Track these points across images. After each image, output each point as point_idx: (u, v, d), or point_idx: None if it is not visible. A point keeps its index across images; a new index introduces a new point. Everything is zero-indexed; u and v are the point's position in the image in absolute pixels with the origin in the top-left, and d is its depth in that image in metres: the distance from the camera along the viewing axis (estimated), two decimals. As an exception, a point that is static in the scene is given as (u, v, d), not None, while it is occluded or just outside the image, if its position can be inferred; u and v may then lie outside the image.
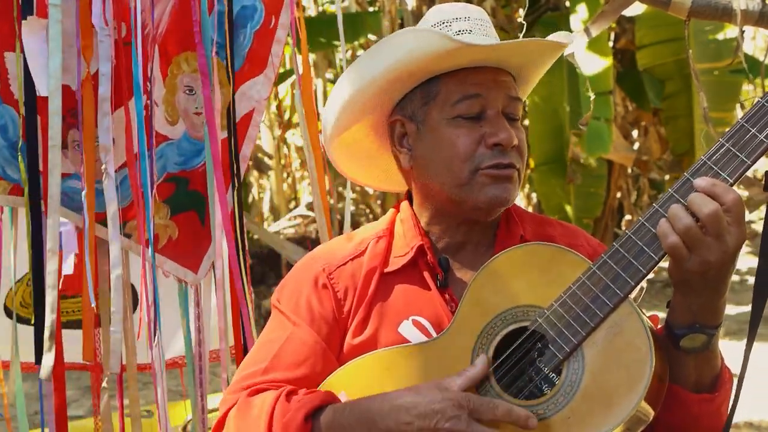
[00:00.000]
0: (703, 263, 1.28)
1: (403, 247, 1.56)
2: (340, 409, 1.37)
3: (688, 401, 1.38)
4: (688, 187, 1.30)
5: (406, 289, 1.52)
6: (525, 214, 1.63)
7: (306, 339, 1.49)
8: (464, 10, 1.55)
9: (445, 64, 1.50)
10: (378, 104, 1.58)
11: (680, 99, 7.51)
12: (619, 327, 1.32)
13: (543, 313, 1.36)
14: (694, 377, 1.38)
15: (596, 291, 1.33)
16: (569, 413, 1.30)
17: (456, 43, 1.45)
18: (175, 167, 2.25)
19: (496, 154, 1.48)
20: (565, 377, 1.33)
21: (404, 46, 1.48)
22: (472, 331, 1.40)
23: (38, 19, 1.96)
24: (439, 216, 1.57)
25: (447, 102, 1.51)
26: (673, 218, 1.28)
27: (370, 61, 1.53)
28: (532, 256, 1.43)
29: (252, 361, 1.52)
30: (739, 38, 2.10)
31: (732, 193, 1.27)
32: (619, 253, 1.34)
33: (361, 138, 1.66)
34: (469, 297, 1.43)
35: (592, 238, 1.66)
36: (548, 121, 7.13)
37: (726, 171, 1.30)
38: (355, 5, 8.49)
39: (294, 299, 1.53)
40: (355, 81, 1.56)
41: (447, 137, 1.50)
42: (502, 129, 1.49)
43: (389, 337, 1.48)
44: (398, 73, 1.51)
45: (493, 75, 1.52)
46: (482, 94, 1.50)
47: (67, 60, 1.99)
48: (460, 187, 1.50)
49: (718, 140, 1.32)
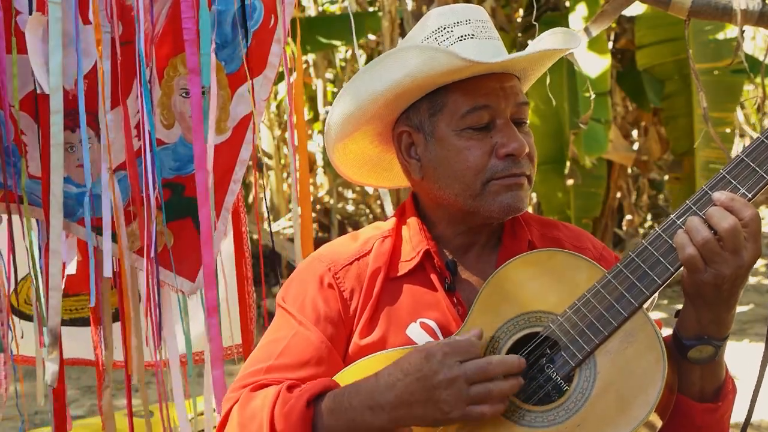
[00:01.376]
0: (718, 276, 1.28)
1: (410, 252, 1.55)
2: (340, 393, 1.38)
3: (693, 411, 1.38)
4: (706, 200, 1.31)
5: (413, 292, 1.52)
6: (530, 217, 1.63)
7: (311, 339, 1.49)
8: (465, 12, 1.53)
9: (452, 77, 1.48)
10: (383, 114, 1.57)
11: (680, 99, 7.50)
12: (633, 336, 1.32)
13: (556, 319, 1.36)
14: (698, 387, 1.38)
15: (611, 300, 1.33)
16: (579, 420, 1.30)
17: (464, 62, 1.43)
18: (170, 172, 2.21)
19: (509, 165, 1.48)
20: (576, 384, 1.33)
21: (410, 64, 1.46)
22: (483, 334, 1.39)
23: (40, 16, 1.96)
24: (447, 222, 1.56)
25: (455, 114, 1.49)
26: (692, 230, 1.29)
27: (375, 76, 1.51)
28: (545, 262, 1.43)
29: (256, 359, 1.52)
30: (739, 38, 2.10)
31: (750, 209, 1.27)
32: (634, 263, 1.34)
33: (365, 144, 1.66)
34: (481, 301, 1.43)
35: (597, 241, 1.66)
36: (548, 121, 7.12)
37: (745, 186, 1.30)
38: (355, 5, 8.48)
39: (299, 299, 1.53)
40: (358, 95, 1.54)
41: (457, 149, 1.49)
42: (513, 139, 1.48)
43: (397, 339, 1.48)
44: (404, 88, 1.49)
45: (500, 82, 1.50)
46: (491, 104, 1.49)
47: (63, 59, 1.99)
48: (473, 198, 1.49)
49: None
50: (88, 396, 4.48)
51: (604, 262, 1.53)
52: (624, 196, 9.39)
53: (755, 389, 1.40)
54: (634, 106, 9.08)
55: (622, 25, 8.46)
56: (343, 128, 1.59)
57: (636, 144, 9.71)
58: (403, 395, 1.31)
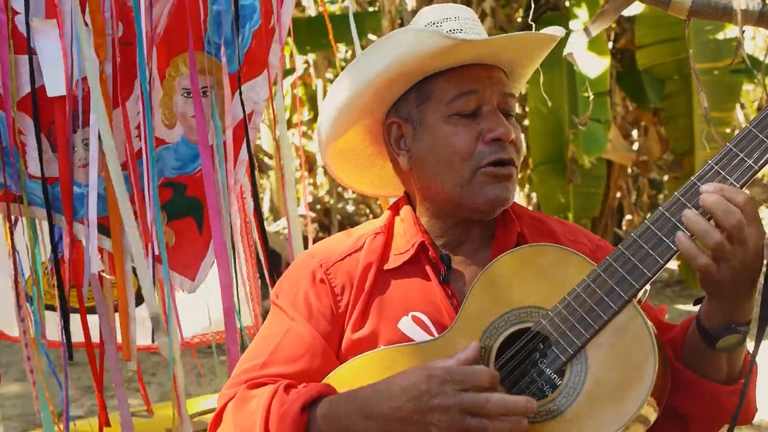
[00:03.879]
0: (732, 270, 1.28)
1: (403, 245, 1.56)
2: (335, 400, 1.38)
3: (722, 395, 1.38)
4: (694, 192, 1.30)
5: (406, 285, 1.53)
6: (523, 212, 1.63)
7: (304, 334, 1.49)
8: (454, 10, 1.56)
9: (440, 63, 1.50)
10: (373, 108, 1.58)
11: (680, 99, 7.51)
12: (623, 330, 1.32)
13: (547, 314, 1.36)
14: (726, 371, 1.39)
15: (601, 293, 1.33)
16: (571, 416, 1.30)
17: (450, 40, 1.45)
18: (172, 172, 2.22)
19: (496, 150, 1.49)
20: (568, 379, 1.33)
21: (399, 47, 1.49)
22: (474, 331, 1.40)
23: (48, 20, 1.96)
24: (438, 215, 1.57)
25: (442, 100, 1.51)
26: (703, 236, 1.27)
27: (365, 64, 1.53)
28: (536, 257, 1.42)
29: (250, 355, 1.53)
30: (740, 38, 2.09)
31: (741, 194, 1.27)
32: (624, 256, 1.33)
33: (357, 143, 1.66)
34: (473, 296, 1.43)
35: (593, 235, 1.66)
36: (548, 121, 7.13)
37: (733, 176, 1.29)
38: (355, 5, 8.48)
39: (292, 294, 1.54)
40: (350, 85, 1.56)
41: (445, 136, 1.50)
42: (499, 124, 1.49)
43: (389, 332, 1.48)
44: (394, 74, 1.51)
45: (487, 71, 1.52)
46: (478, 89, 1.50)
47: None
48: (461, 186, 1.50)
49: (725, 144, 1.32)
50: (88, 396, 4.48)
51: (601, 253, 1.53)
52: (624, 196, 9.40)
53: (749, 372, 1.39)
54: (634, 106, 9.09)
55: (622, 25, 8.47)
56: (335, 121, 1.60)
57: (636, 144, 9.72)
58: (397, 411, 1.30)
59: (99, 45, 2.00)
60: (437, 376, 1.29)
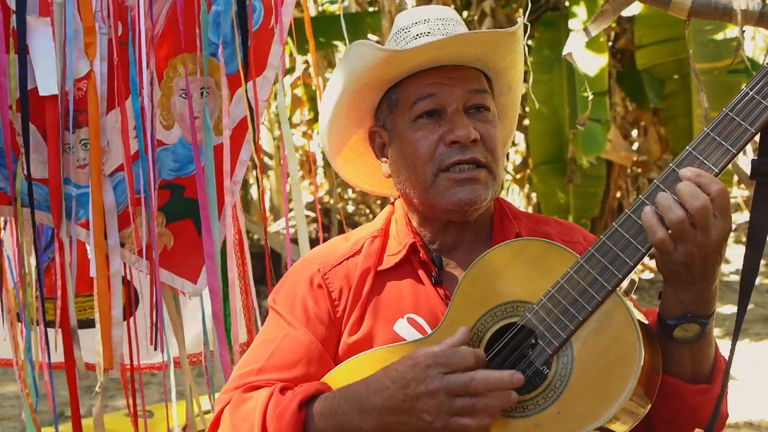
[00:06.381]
0: (689, 255, 1.27)
1: (396, 246, 1.57)
2: (331, 397, 1.39)
3: (686, 392, 1.38)
4: (674, 178, 1.30)
5: (400, 287, 1.54)
6: (520, 213, 1.64)
7: (301, 339, 1.50)
8: (426, 12, 1.57)
9: (397, 70, 1.51)
10: (359, 118, 1.61)
11: (680, 99, 7.50)
12: (608, 320, 1.32)
13: (532, 308, 1.37)
14: (690, 368, 1.38)
15: (584, 284, 1.33)
16: (558, 408, 1.31)
17: (384, 53, 1.48)
18: (170, 174, 2.21)
19: (455, 152, 1.49)
20: (555, 372, 1.33)
21: (350, 62, 1.53)
22: (464, 326, 1.39)
23: (41, 17, 1.95)
24: (424, 219, 1.58)
25: (406, 106, 1.53)
26: (665, 210, 1.26)
27: (333, 79, 1.57)
28: (522, 252, 1.43)
29: (248, 360, 1.53)
30: (740, 38, 2.09)
31: (717, 183, 1.26)
32: (605, 246, 1.34)
33: (362, 150, 1.69)
34: (460, 293, 1.44)
35: (590, 234, 1.67)
36: (548, 121, 7.12)
37: (711, 160, 1.29)
38: (355, 5, 8.48)
39: (290, 300, 1.55)
40: (329, 98, 1.60)
41: (410, 141, 1.52)
42: (459, 126, 1.49)
43: (385, 335, 1.49)
44: (358, 86, 1.54)
45: (448, 72, 1.52)
46: (436, 93, 1.51)
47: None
48: (425, 190, 1.51)
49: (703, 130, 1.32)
50: (87, 396, 4.48)
51: None
52: (624, 196, 9.39)
53: (731, 351, 1.37)
54: (634, 106, 9.08)
55: (622, 25, 8.46)
56: (330, 133, 1.64)
57: (635, 144, 9.71)
58: (389, 402, 1.32)
59: (89, 44, 1.99)
60: (422, 362, 1.30)
